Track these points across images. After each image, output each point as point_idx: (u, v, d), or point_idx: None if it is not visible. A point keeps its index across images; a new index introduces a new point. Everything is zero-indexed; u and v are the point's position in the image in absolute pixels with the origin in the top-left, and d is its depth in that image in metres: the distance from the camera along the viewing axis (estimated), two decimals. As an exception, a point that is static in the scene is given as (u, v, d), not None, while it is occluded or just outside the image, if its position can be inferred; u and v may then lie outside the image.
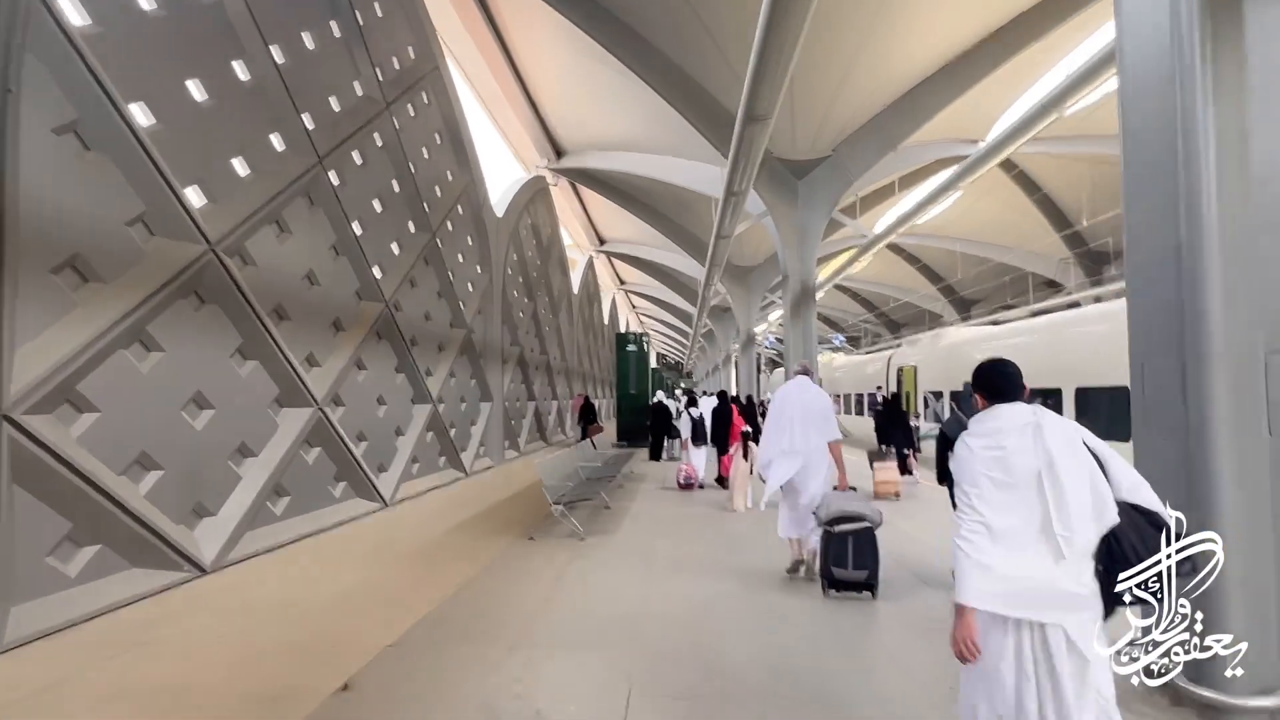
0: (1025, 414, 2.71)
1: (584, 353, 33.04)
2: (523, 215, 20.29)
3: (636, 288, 47.39)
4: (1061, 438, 2.62)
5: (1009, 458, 2.63)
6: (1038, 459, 2.60)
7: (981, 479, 2.66)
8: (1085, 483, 2.56)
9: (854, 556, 5.81)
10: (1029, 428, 2.66)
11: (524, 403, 20.40)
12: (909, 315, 48.74)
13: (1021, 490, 2.61)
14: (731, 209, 13.07)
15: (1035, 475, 2.60)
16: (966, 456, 2.74)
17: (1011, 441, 2.65)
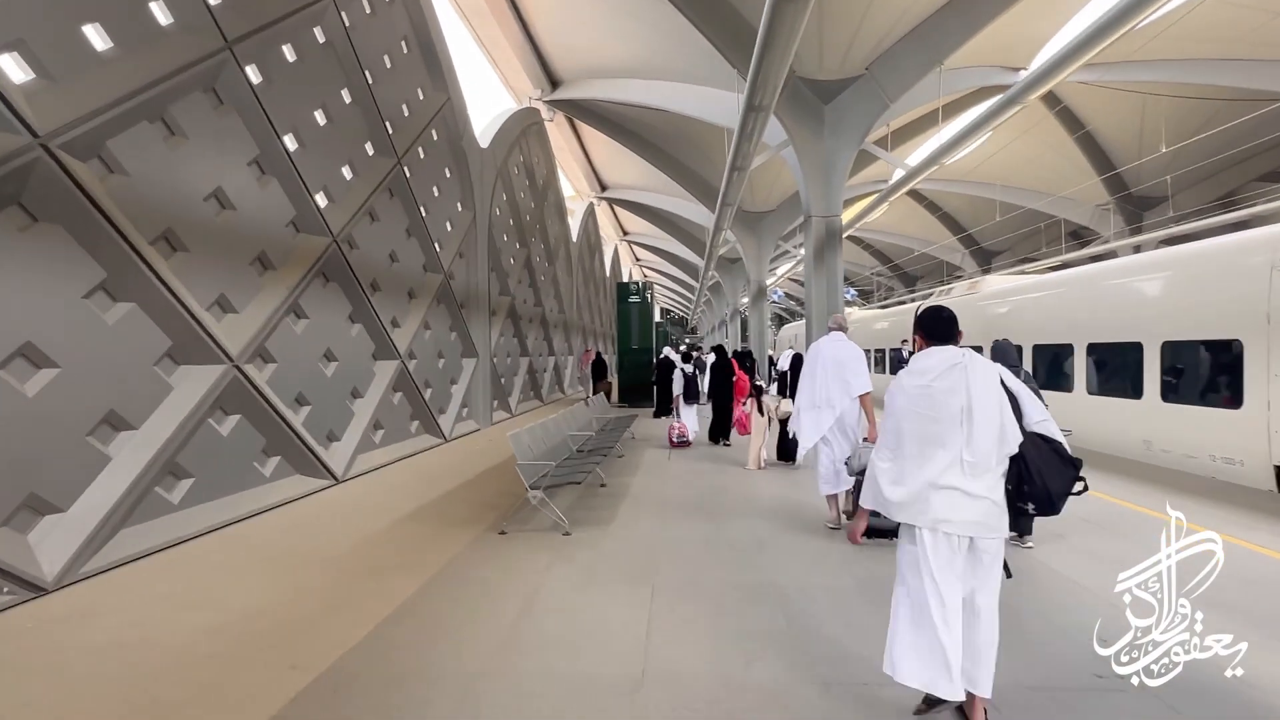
0: (955, 355, 3.18)
1: (584, 305, 31.10)
2: (513, 151, 18.19)
3: (640, 238, 45.08)
4: (982, 377, 3.11)
5: (935, 394, 3.11)
6: (960, 395, 3.08)
7: (904, 412, 3.19)
8: (996, 416, 3.07)
9: None
10: (957, 368, 3.12)
11: (516, 359, 18.57)
12: (925, 268, 46.52)
13: (943, 420, 3.09)
14: (752, 128, 10.98)
15: (958, 408, 3.07)
16: (896, 390, 3.27)
17: (940, 380, 3.12)
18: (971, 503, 3.03)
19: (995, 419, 3.04)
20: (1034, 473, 3.04)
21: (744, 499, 8.13)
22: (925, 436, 3.11)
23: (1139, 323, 10.00)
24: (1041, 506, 3.09)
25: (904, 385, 3.22)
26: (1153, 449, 9.70)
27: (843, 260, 14.60)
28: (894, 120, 18.08)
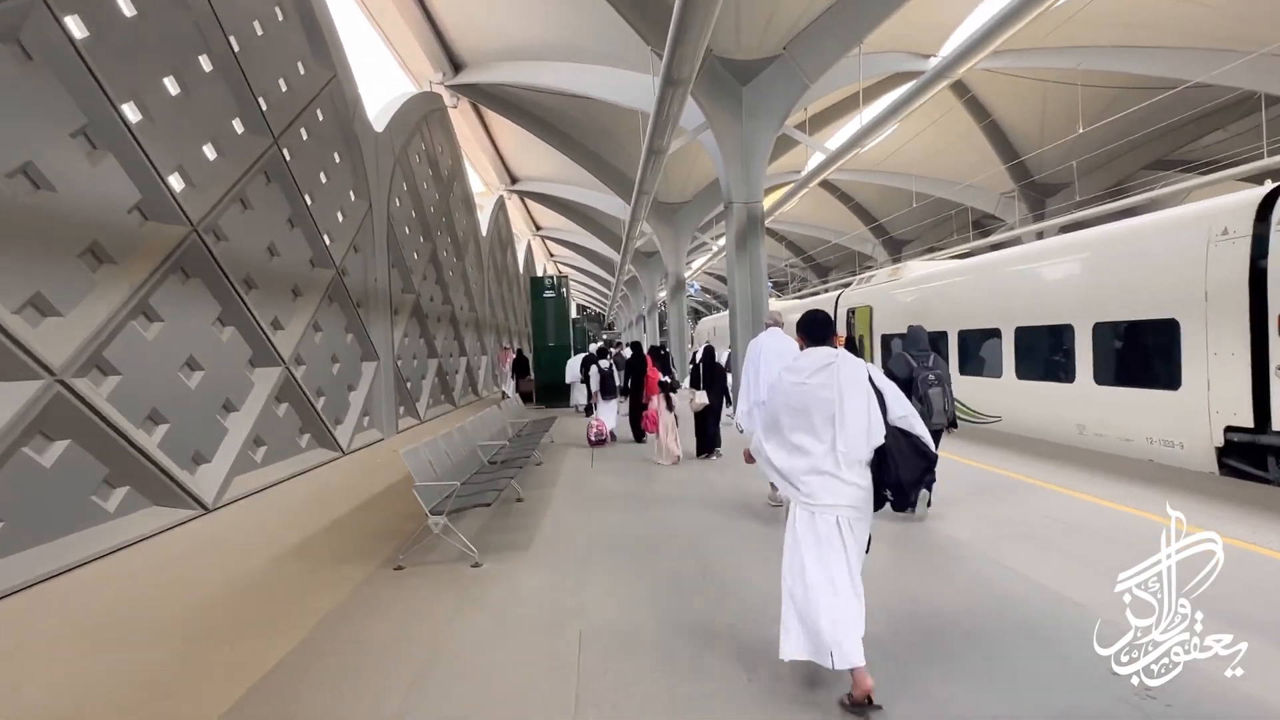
0: (829, 355, 3.47)
1: (497, 303, 29.83)
2: (414, 138, 16.90)
3: (554, 233, 43.89)
4: (851, 375, 3.40)
5: (810, 389, 3.41)
6: (831, 391, 3.37)
7: (779, 409, 3.52)
8: (864, 411, 3.36)
9: None
10: (830, 367, 3.42)
11: (424, 360, 17.30)
12: (837, 258, 47.17)
13: (817, 413, 3.38)
14: (670, 105, 10.20)
15: (829, 403, 3.36)
16: (776, 385, 3.59)
17: (814, 376, 3.43)
18: (843, 487, 3.32)
19: (863, 413, 3.36)
20: (893, 462, 3.33)
21: (674, 502, 7.41)
22: (801, 427, 3.43)
23: (1070, 304, 9.78)
24: (898, 494, 3.40)
25: (783, 381, 3.54)
26: (1087, 433, 9.48)
27: (765, 249, 14.07)
28: (811, 105, 17.71)
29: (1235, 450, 7.29)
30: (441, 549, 5.83)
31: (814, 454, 3.36)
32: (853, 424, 3.32)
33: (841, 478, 3.31)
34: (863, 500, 3.35)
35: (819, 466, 3.35)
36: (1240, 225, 7.07)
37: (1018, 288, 11.20)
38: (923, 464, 3.39)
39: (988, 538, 5.79)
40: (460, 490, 5.82)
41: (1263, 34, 14.36)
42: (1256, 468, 7.14)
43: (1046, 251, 11.02)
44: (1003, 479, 8.09)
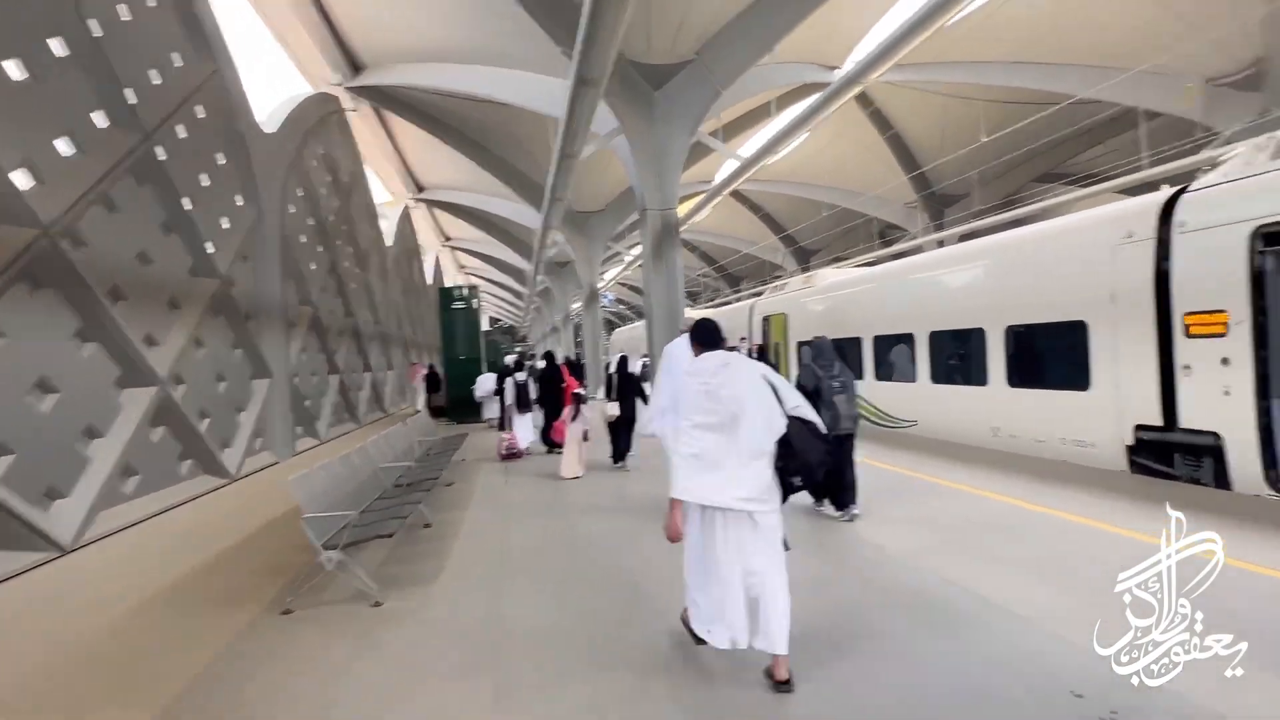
0: (724, 358, 3.81)
1: (404, 316, 28.62)
2: (309, 141, 15.93)
3: (464, 243, 42.70)
4: (747, 375, 3.73)
5: (712, 390, 3.69)
6: (730, 389, 3.66)
7: (693, 406, 3.72)
8: (763, 406, 3.65)
9: None
10: (724, 367, 3.75)
11: (324, 377, 16.26)
12: (748, 268, 47.88)
13: (720, 412, 3.63)
14: (583, 107, 9.85)
15: (732, 399, 3.63)
16: (684, 390, 3.83)
17: (715, 378, 3.71)
18: (746, 481, 3.55)
19: (764, 406, 3.64)
20: (796, 449, 3.58)
21: (592, 512, 7.05)
22: (707, 426, 3.64)
23: (981, 309, 9.94)
24: (804, 477, 3.66)
25: (690, 386, 3.78)
26: (1001, 435, 9.62)
27: (681, 256, 13.88)
28: (724, 113, 17.71)
29: (1145, 448, 7.46)
30: (337, 587, 5.25)
31: (718, 450, 3.59)
32: (755, 417, 3.60)
33: (744, 472, 3.56)
34: (766, 491, 3.61)
35: (723, 463, 3.58)
36: (1144, 228, 7.26)
37: (930, 293, 11.35)
38: (822, 446, 3.70)
39: (903, 537, 6.18)
40: (358, 520, 5.25)
41: (1142, 53, 15.25)
42: (1165, 465, 7.32)
43: (958, 257, 11.22)
44: (921, 481, 8.37)
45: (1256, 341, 6.04)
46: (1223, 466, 6.54)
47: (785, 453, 3.62)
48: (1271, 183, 6.05)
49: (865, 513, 7.07)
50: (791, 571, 3.74)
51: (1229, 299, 6.22)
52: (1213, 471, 6.76)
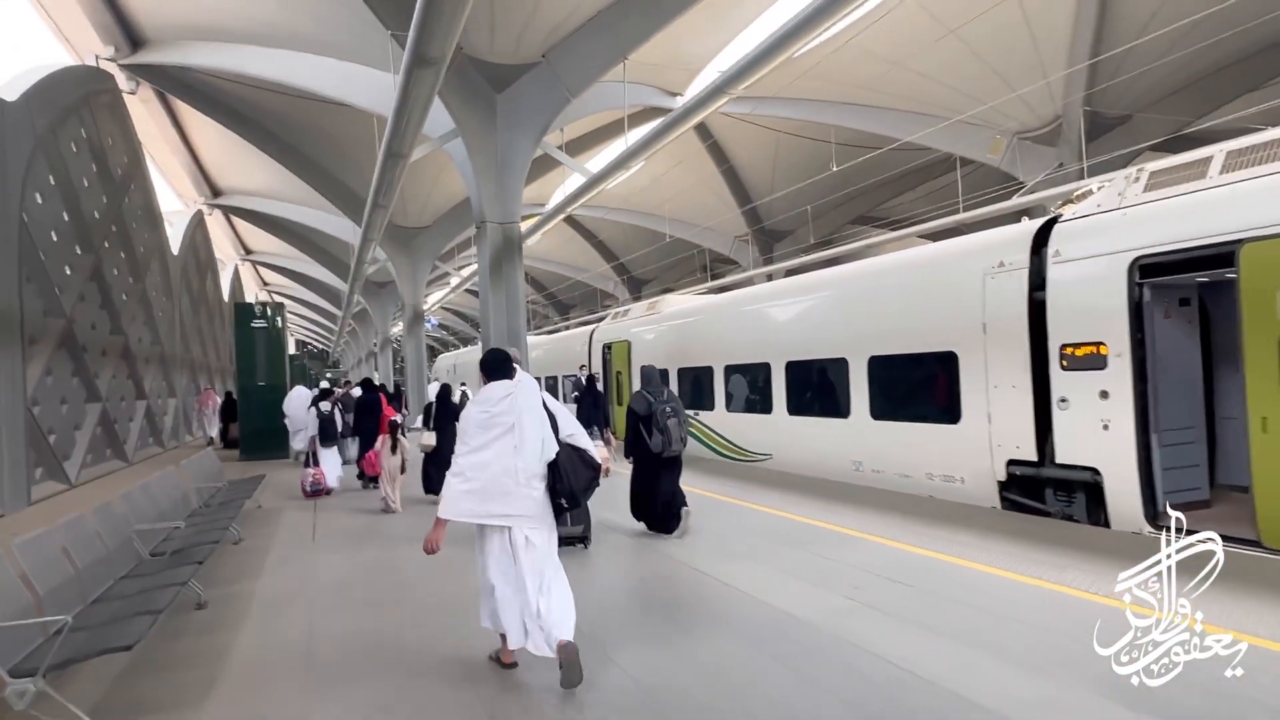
0: (509, 387, 4.04)
1: (193, 336, 25.00)
2: (68, 121, 13.20)
3: (269, 258, 38.52)
4: (526, 401, 4.01)
5: (494, 416, 3.92)
6: (512, 415, 3.92)
7: (472, 433, 3.92)
8: (539, 431, 3.96)
9: (570, 515, 6.18)
10: (509, 396, 3.99)
11: (79, 405, 13.32)
12: (579, 295, 47.32)
13: (500, 436, 3.88)
14: (416, 95, 8.46)
15: (509, 426, 3.90)
16: (465, 416, 4.02)
17: (497, 406, 3.95)
18: (522, 501, 3.88)
19: (538, 433, 3.96)
20: (564, 474, 3.94)
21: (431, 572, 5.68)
22: (488, 448, 3.88)
23: (843, 338, 9.65)
24: (570, 501, 4.02)
25: (472, 413, 4.00)
26: (864, 470, 9.30)
27: (523, 274, 12.74)
28: (568, 129, 16.84)
29: (1017, 484, 7.29)
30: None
31: (498, 472, 3.83)
32: (531, 442, 3.89)
33: (521, 492, 3.85)
34: (540, 509, 3.94)
35: (502, 484, 3.83)
36: (1016, 257, 7.15)
37: (789, 322, 11.03)
38: (589, 473, 4.09)
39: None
40: (79, 622, 3.57)
41: (960, 104, 16.27)
42: (1037, 501, 7.17)
43: (818, 284, 10.99)
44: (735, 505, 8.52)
45: (1136, 374, 5.95)
46: (1099, 503, 6.43)
47: (555, 476, 3.94)
48: (1150, 214, 6.05)
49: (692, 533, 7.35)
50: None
51: (1108, 331, 6.13)
52: (1086, 508, 6.65)
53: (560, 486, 3.93)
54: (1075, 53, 14.99)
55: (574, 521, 6.72)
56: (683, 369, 13.96)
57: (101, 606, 4.16)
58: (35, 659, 3.33)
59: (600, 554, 6.83)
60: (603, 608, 5.07)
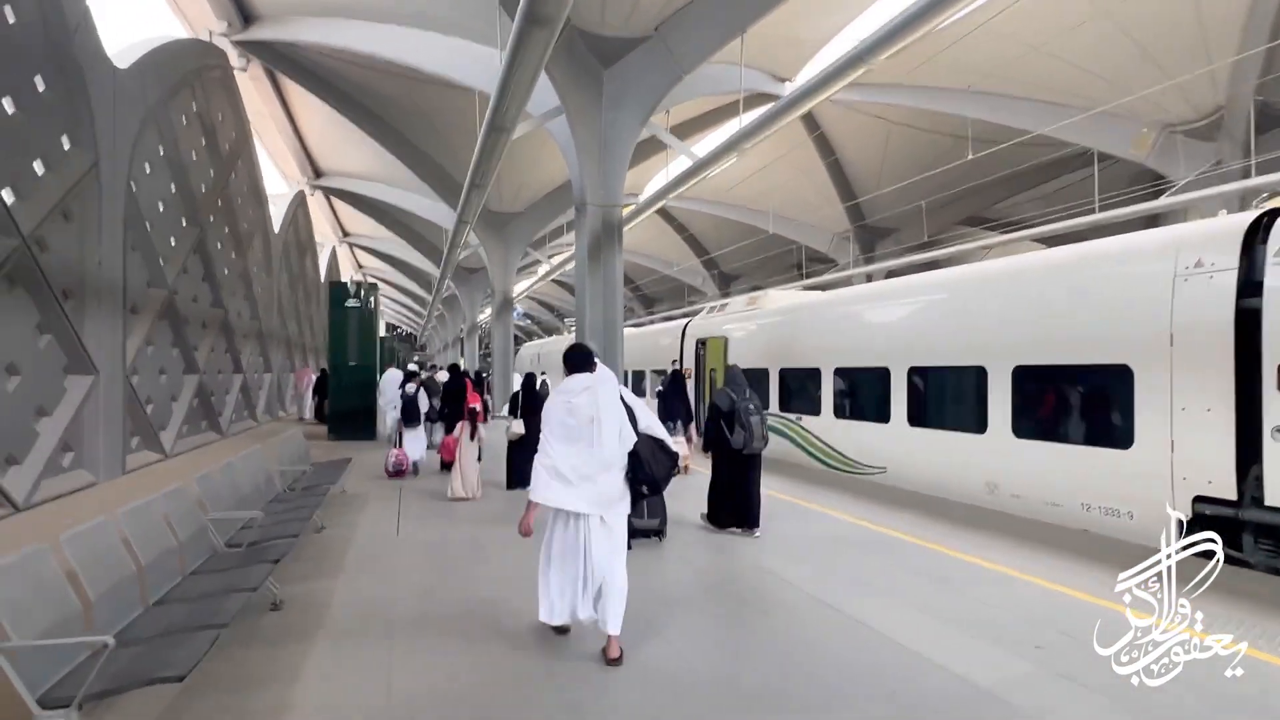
0: (589, 380, 4.30)
1: (290, 313, 25.51)
2: (179, 94, 13.23)
3: (365, 240, 39.35)
4: (606, 395, 4.21)
5: (574, 408, 4.18)
6: (591, 408, 4.15)
7: (554, 423, 4.21)
8: (617, 423, 4.17)
9: (647, 507, 6.86)
10: (588, 390, 4.23)
11: (178, 376, 13.41)
12: (666, 289, 46.53)
13: (580, 427, 4.14)
14: (526, 56, 7.81)
15: (589, 418, 4.13)
16: (548, 407, 4.31)
17: (577, 398, 4.21)
18: (601, 488, 4.14)
19: (616, 425, 4.19)
20: (644, 462, 4.21)
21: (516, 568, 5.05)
22: (568, 439, 4.18)
23: (984, 344, 8.51)
24: (651, 487, 4.31)
25: (554, 403, 4.31)
26: (1000, 493, 8.17)
27: (622, 260, 12.03)
28: (677, 109, 16.02)
29: (1205, 525, 6.07)
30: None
31: (578, 460, 4.13)
32: (609, 433, 4.15)
33: (601, 479, 4.15)
34: (617, 498, 4.22)
35: (582, 471, 4.13)
36: (1221, 257, 5.93)
37: (915, 323, 9.94)
38: (669, 461, 4.34)
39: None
40: (125, 638, 3.00)
41: (1104, 93, 14.65)
42: (1232, 548, 5.95)
43: (952, 282, 9.85)
44: (861, 529, 7.84)
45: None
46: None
47: (635, 464, 4.18)
48: None
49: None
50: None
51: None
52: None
53: (641, 474, 4.18)
54: (1250, 35, 13.21)
55: (650, 515, 6.98)
56: (785, 369, 12.99)
57: (160, 612, 3.61)
58: (73, 683, 2.76)
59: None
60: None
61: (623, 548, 4.24)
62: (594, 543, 4.09)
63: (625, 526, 4.30)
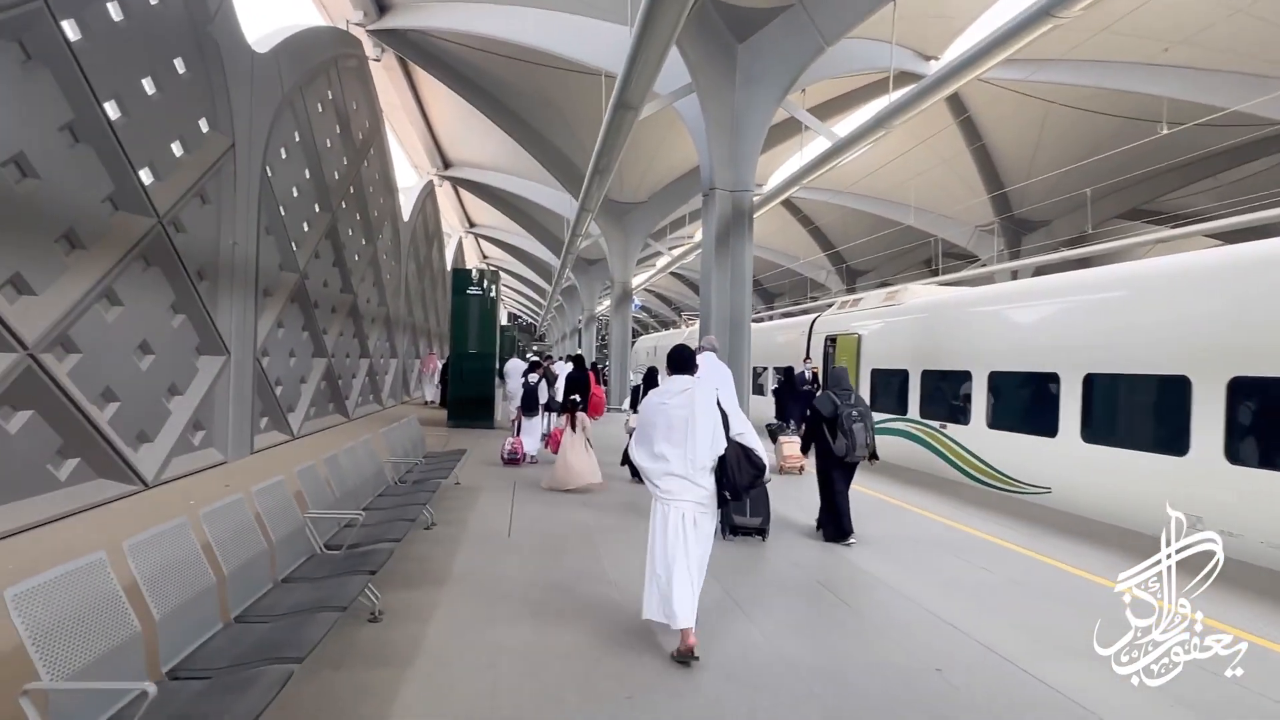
0: (688, 382, 4.39)
1: (416, 301, 26.15)
2: (317, 80, 13.44)
3: (489, 231, 40.14)
4: (703, 399, 4.27)
5: (670, 409, 4.27)
6: (687, 409, 4.23)
7: (651, 421, 4.34)
8: (710, 426, 4.22)
9: (751, 506, 6.76)
10: (686, 392, 4.31)
11: (307, 360, 13.69)
12: (787, 284, 44.98)
13: (676, 429, 4.22)
14: (659, 24, 7.11)
15: (684, 420, 4.21)
16: (645, 404, 4.49)
17: (675, 399, 4.29)
18: (692, 488, 4.21)
19: (709, 429, 4.23)
20: (730, 469, 4.22)
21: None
22: (665, 439, 4.26)
23: (1188, 349, 7.13)
24: (732, 494, 4.30)
25: (651, 402, 4.45)
26: (1203, 527, 6.75)
27: (752, 250, 11.16)
28: (809, 88, 14.93)
29: None
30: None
31: (672, 460, 4.22)
32: (702, 437, 4.20)
33: (692, 480, 4.21)
34: (707, 499, 4.26)
35: (675, 470, 4.21)
36: None
37: (1095, 323, 8.56)
38: (753, 471, 4.30)
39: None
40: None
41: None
42: None
43: (1144, 275, 8.42)
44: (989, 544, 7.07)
45: None
46: None
47: (721, 470, 4.24)
48: None
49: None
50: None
51: None
52: None
53: (725, 480, 4.21)
54: None
55: (753, 513, 6.84)
56: (929, 371, 11.72)
57: (234, 634, 3.14)
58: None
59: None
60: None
61: (708, 548, 4.33)
62: (689, 539, 4.19)
63: (712, 530, 4.38)
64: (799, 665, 4.02)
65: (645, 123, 10.94)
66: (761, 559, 6.38)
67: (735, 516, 6.79)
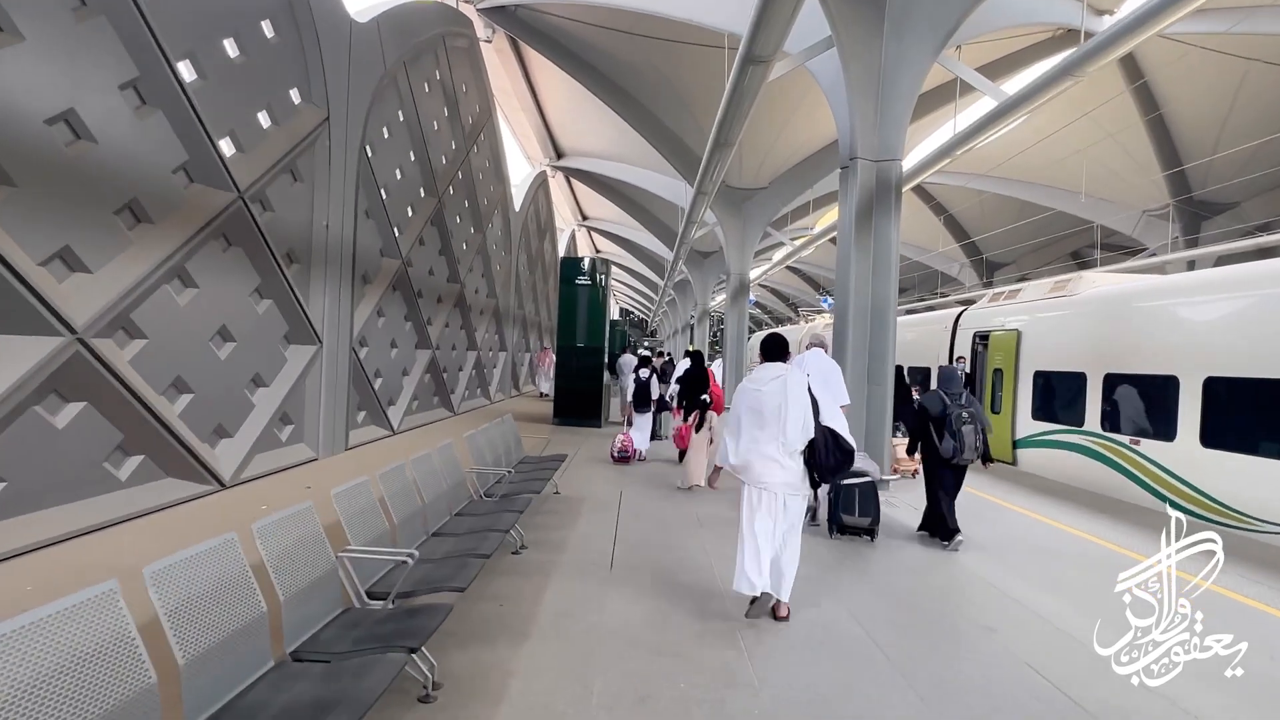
0: (780, 369, 4.57)
1: (527, 294, 25.63)
2: (422, 57, 12.78)
3: (602, 224, 39.39)
4: (795, 386, 4.42)
5: (763, 396, 4.46)
6: (779, 397, 4.40)
7: (743, 407, 4.55)
8: (801, 413, 4.38)
9: (860, 505, 6.70)
10: (779, 379, 4.48)
11: (409, 350, 13.07)
12: (916, 277, 41.89)
13: (767, 414, 4.42)
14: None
15: (776, 407, 4.40)
16: (739, 391, 4.65)
17: (767, 386, 4.48)
18: (784, 471, 4.41)
19: (800, 415, 4.38)
20: (819, 453, 4.41)
21: None
22: (755, 423, 4.49)
23: None
24: (822, 476, 4.55)
25: (744, 388, 4.64)
26: None
27: (899, 230, 9.50)
28: (966, 45, 12.90)
29: None
30: None
31: (763, 444, 4.42)
32: (793, 422, 4.35)
33: (783, 463, 4.40)
34: (798, 481, 4.47)
35: (766, 453, 4.41)
36: None
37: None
38: (840, 455, 4.47)
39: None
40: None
41: None
42: None
43: None
44: None
45: None
46: None
47: (810, 453, 4.41)
48: None
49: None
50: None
51: None
52: None
53: (816, 461, 4.41)
54: None
55: (862, 513, 6.74)
56: (1113, 375, 9.70)
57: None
58: None
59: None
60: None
61: (799, 527, 4.52)
62: (779, 519, 4.40)
63: (802, 510, 4.59)
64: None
65: (768, 99, 9.46)
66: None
67: (844, 516, 6.75)
